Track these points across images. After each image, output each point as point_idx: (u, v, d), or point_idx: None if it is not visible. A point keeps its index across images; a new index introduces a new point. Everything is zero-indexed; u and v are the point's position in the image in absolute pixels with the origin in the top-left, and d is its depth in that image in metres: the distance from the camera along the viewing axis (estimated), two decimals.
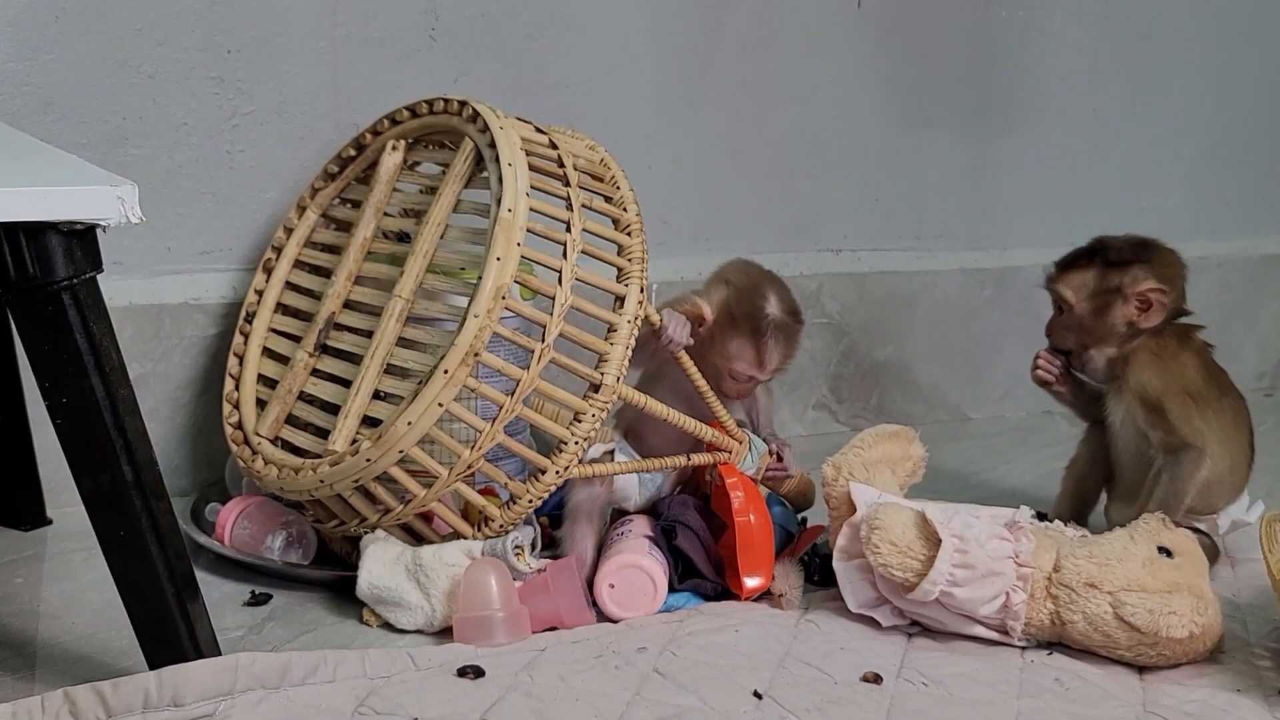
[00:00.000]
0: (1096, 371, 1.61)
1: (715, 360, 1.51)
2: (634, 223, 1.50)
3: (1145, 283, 1.56)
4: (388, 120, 1.59)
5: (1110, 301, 1.57)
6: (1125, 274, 1.57)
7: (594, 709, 1.19)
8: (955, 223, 2.26)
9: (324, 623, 1.39)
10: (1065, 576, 1.32)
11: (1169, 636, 1.28)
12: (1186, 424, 1.54)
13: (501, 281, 1.36)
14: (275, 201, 1.74)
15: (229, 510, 1.53)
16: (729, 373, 1.51)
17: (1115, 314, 1.57)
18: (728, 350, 1.50)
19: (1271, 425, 2.29)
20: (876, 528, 1.36)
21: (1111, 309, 1.57)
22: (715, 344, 1.50)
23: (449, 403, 1.36)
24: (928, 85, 2.20)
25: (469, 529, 1.43)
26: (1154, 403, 1.55)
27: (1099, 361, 1.60)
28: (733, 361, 1.50)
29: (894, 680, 1.27)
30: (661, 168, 2.00)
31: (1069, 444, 1.72)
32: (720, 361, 1.51)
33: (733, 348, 1.49)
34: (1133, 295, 1.57)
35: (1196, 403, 1.56)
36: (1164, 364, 1.56)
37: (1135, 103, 2.37)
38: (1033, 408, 2.27)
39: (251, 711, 1.17)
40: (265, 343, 1.59)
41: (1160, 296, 1.56)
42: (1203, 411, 1.56)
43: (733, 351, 1.50)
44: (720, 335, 1.50)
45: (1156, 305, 1.56)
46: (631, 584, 1.39)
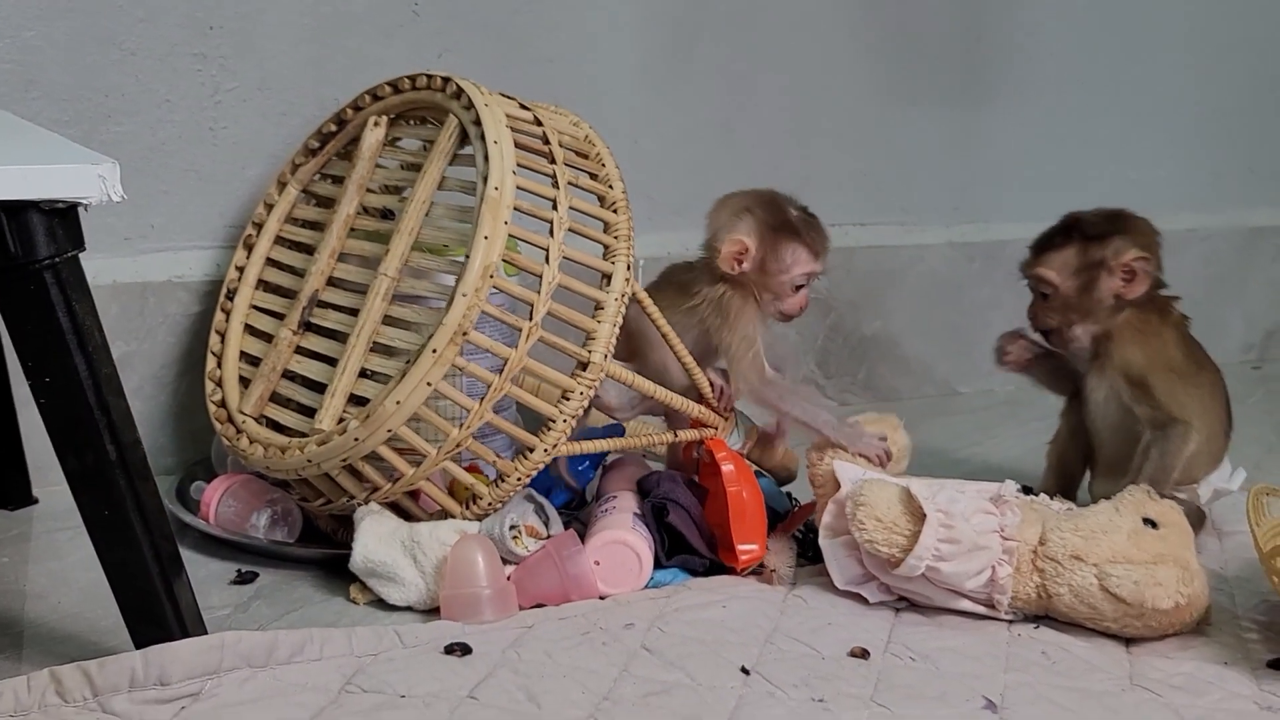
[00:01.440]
0: (1081, 349, 1.60)
1: (773, 282, 1.51)
2: (620, 199, 1.49)
3: (1129, 253, 1.56)
4: (369, 96, 1.58)
5: (1095, 276, 1.57)
6: (1107, 247, 1.57)
7: (581, 685, 1.19)
8: (943, 196, 2.25)
9: (310, 601, 1.39)
10: (1051, 549, 1.32)
11: (1155, 608, 1.28)
12: (1172, 399, 1.54)
13: (489, 260, 1.36)
14: (258, 178, 1.73)
15: (214, 488, 1.53)
16: (791, 286, 1.52)
17: (1102, 288, 1.57)
18: (783, 261, 1.51)
19: (1259, 398, 2.30)
20: (861, 504, 1.36)
21: (1097, 283, 1.57)
22: (766, 267, 1.51)
23: (437, 381, 1.36)
24: (915, 58, 2.19)
25: (457, 507, 1.43)
26: (1139, 379, 1.55)
27: (1084, 339, 1.59)
28: (791, 270, 1.51)
29: (881, 655, 1.27)
30: (647, 143, 1.99)
31: (1056, 418, 1.73)
32: (780, 278, 1.51)
33: (787, 256, 1.51)
34: (1118, 267, 1.56)
35: (1180, 377, 1.56)
36: (1147, 340, 1.56)
37: (1122, 75, 2.36)
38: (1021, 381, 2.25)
39: (238, 690, 1.17)
40: (248, 320, 1.58)
41: (1145, 265, 1.56)
42: (1185, 385, 1.56)
43: (789, 260, 1.51)
44: (769, 255, 1.51)
45: (1141, 274, 1.56)
46: (617, 560, 1.39)
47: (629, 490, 1.50)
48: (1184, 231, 2.43)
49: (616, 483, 1.53)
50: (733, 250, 1.50)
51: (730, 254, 1.50)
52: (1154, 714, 1.17)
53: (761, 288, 1.52)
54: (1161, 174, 2.42)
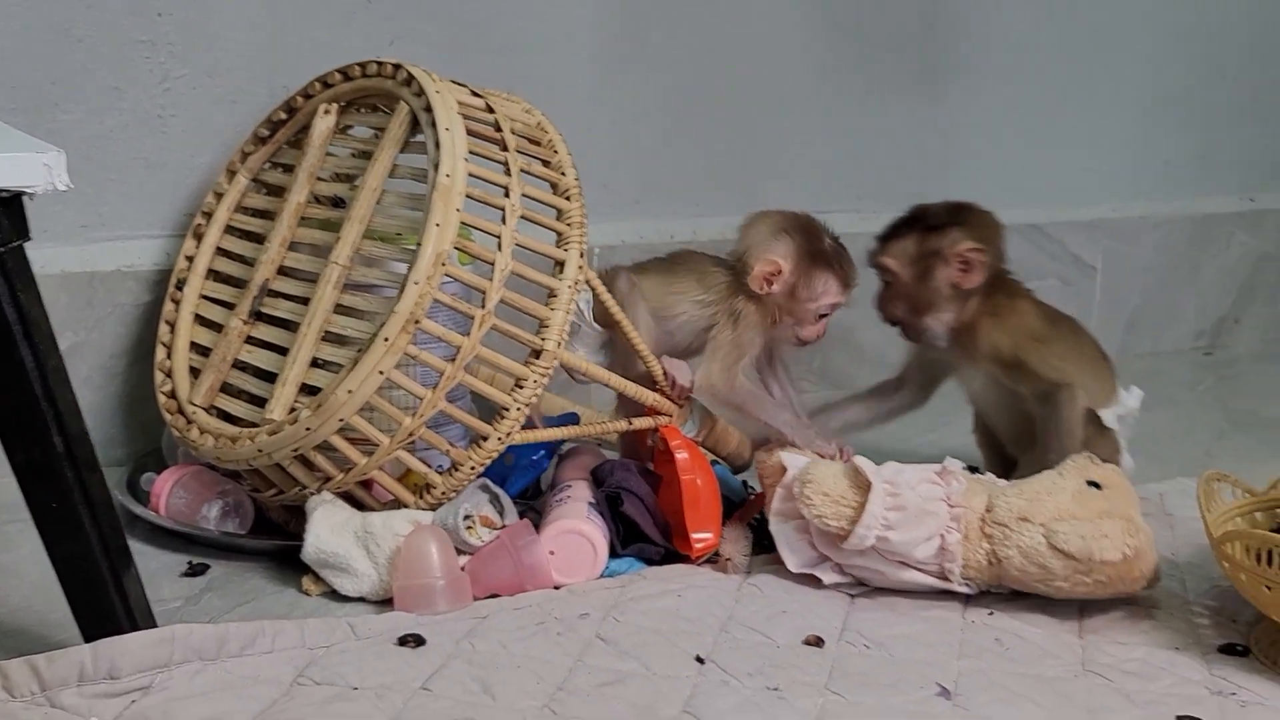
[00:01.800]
0: (938, 338, 1.64)
1: (799, 307, 1.52)
2: (573, 187, 1.49)
3: (964, 244, 1.60)
4: (319, 83, 1.57)
5: (932, 265, 1.61)
6: (944, 237, 1.61)
7: (536, 675, 1.19)
8: (898, 184, 2.25)
9: (262, 592, 1.38)
10: (998, 515, 1.34)
11: (1102, 560, 1.29)
12: (1047, 366, 1.58)
13: (441, 248, 1.35)
14: (208, 166, 1.71)
15: (164, 480, 1.51)
16: (814, 315, 1.53)
17: (938, 277, 1.60)
18: (814, 290, 1.51)
19: (1210, 384, 2.32)
20: (809, 481, 1.36)
21: (934, 273, 1.60)
22: (796, 292, 1.51)
23: (390, 370, 1.35)
24: (871, 46, 2.19)
25: (410, 496, 1.42)
26: (1011, 360, 1.59)
27: (938, 329, 1.63)
28: (819, 299, 1.52)
29: (836, 643, 1.27)
30: (602, 130, 1.98)
31: None
32: (807, 305, 1.52)
33: (819, 285, 1.52)
34: (952, 257, 1.60)
35: (1046, 343, 1.60)
36: (1005, 320, 1.60)
37: (1076, 65, 2.37)
38: None
39: (188, 683, 1.15)
40: (198, 310, 1.57)
41: (979, 256, 1.60)
42: (1053, 348, 1.60)
43: (820, 289, 1.52)
44: (801, 281, 1.51)
45: (976, 265, 1.60)
46: (572, 550, 1.39)
47: (584, 479, 1.50)
48: (1137, 219, 2.44)
49: (571, 472, 1.52)
50: (766, 270, 1.50)
51: (762, 274, 1.50)
52: (1106, 699, 1.18)
53: (784, 310, 1.52)
54: (1114, 162, 2.43)
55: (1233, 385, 2.31)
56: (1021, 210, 2.33)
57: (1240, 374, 2.39)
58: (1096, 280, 2.41)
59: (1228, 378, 2.36)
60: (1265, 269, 2.59)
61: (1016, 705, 1.16)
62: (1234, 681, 1.21)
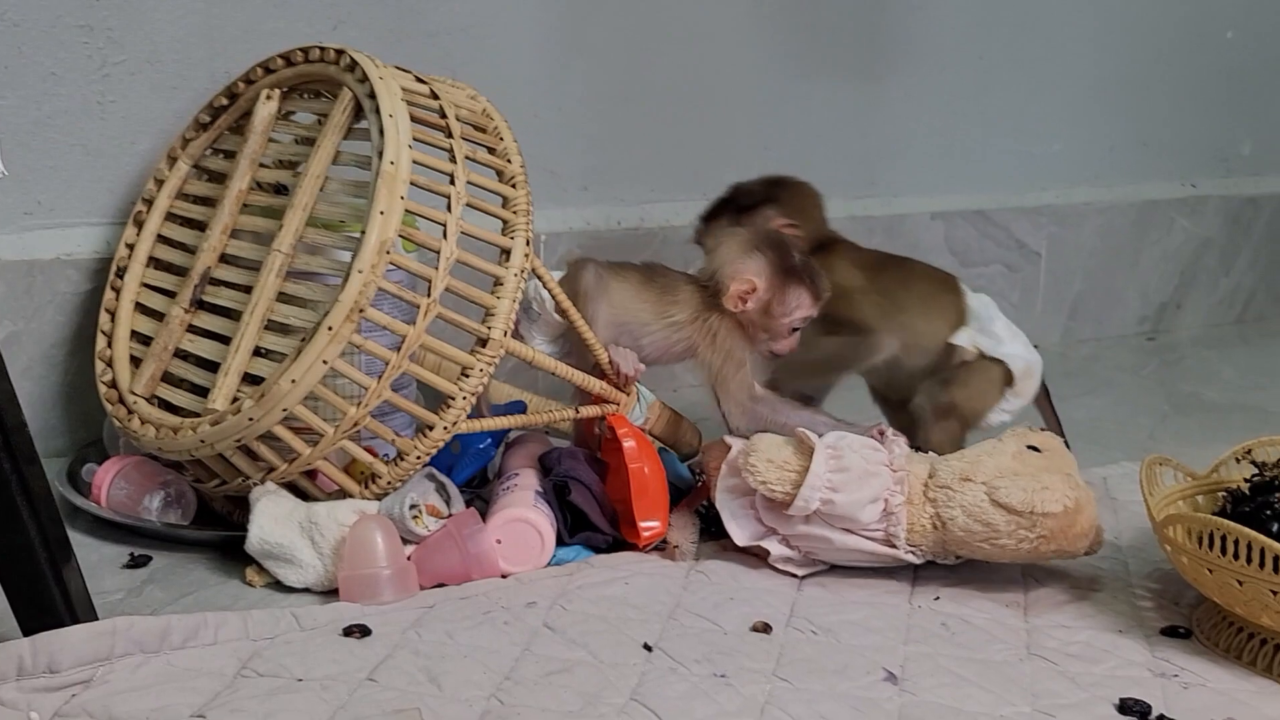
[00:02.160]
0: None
1: (773, 323, 1.52)
2: (518, 174, 1.48)
3: (776, 220, 1.64)
4: (261, 69, 1.55)
5: None
6: (758, 215, 1.65)
7: (482, 665, 1.18)
8: (844, 170, 2.26)
9: (206, 584, 1.37)
10: (940, 478, 1.36)
11: (1044, 511, 1.31)
12: (856, 314, 1.62)
13: (385, 236, 1.34)
14: (148, 153, 1.69)
15: (105, 470, 1.49)
16: (788, 329, 1.52)
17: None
18: (787, 305, 1.51)
19: (1154, 368, 2.34)
20: (753, 450, 1.38)
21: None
22: (769, 308, 1.51)
23: (334, 359, 1.33)
24: (815, 32, 2.19)
25: (355, 486, 1.41)
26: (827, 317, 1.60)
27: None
28: (793, 314, 1.52)
29: (783, 629, 1.28)
30: (548, 116, 1.98)
31: None
32: (781, 320, 1.52)
33: (791, 300, 1.51)
34: None
35: (859, 295, 1.64)
36: None
37: (1020, 50, 2.38)
38: None
39: (130, 677, 1.14)
40: (138, 298, 1.55)
41: (793, 230, 1.64)
42: (869, 299, 1.64)
43: (793, 304, 1.52)
44: (775, 296, 1.51)
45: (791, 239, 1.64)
46: (518, 538, 1.38)
47: (531, 468, 1.49)
48: (1080, 205, 2.46)
49: (518, 460, 1.52)
50: (741, 289, 1.50)
51: (738, 292, 1.50)
52: (1050, 682, 1.18)
53: (758, 326, 1.52)
54: (1057, 148, 2.45)
55: (1175, 370, 2.33)
56: (967, 196, 2.36)
57: (1182, 358, 2.41)
58: (1041, 266, 2.43)
59: (1170, 362, 2.39)
60: (1206, 254, 2.61)
61: (962, 689, 1.17)
62: (1176, 663, 1.22)
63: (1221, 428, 1.89)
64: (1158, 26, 2.52)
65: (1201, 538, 1.22)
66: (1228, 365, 2.36)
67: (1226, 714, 1.14)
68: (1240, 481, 1.34)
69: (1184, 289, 2.61)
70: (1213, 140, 2.63)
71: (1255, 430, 1.47)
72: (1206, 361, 2.39)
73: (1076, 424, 1.98)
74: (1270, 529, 1.21)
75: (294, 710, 1.10)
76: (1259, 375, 2.28)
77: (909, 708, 1.13)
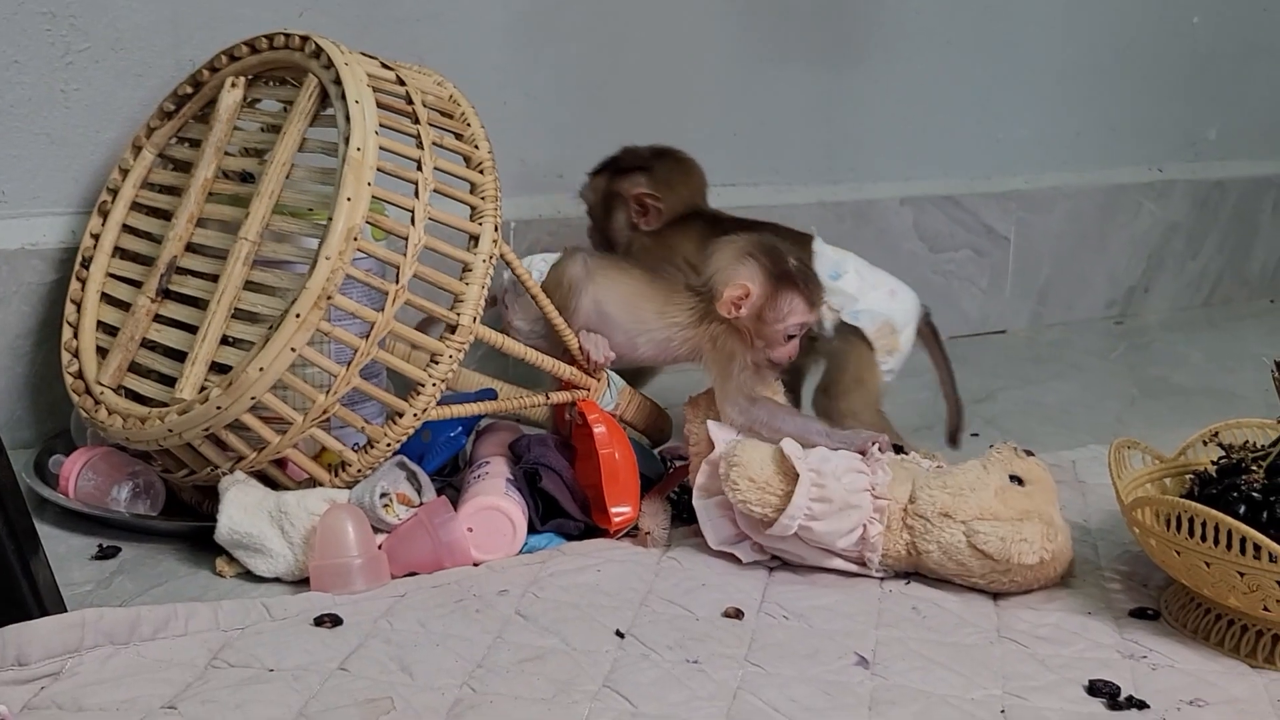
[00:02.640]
0: None
1: (767, 329, 1.50)
2: (486, 160, 1.47)
3: (638, 188, 1.73)
4: (226, 56, 1.54)
5: (614, 204, 1.76)
6: (625, 180, 1.75)
7: (455, 654, 1.18)
8: (813, 156, 2.27)
9: (175, 575, 1.36)
10: (920, 507, 1.34)
11: (1020, 563, 1.30)
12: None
13: (353, 223, 1.33)
14: (113, 142, 1.68)
15: (73, 461, 1.48)
16: (784, 335, 1.51)
17: (619, 216, 1.76)
18: (780, 312, 1.49)
19: (1122, 352, 2.35)
20: (735, 464, 1.36)
21: (616, 211, 1.75)
22: (763, 314, 1.50)
23: (302, 347, 1.33)
24: (784, 18, 2.19)
25: (325, 475, 1.41)
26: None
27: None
28: (786, 319, 1.50)
29: (755, 615, 1.28)
30: (517, 103, 1.97)
31: (927, 374, 1.75)
32: (775, 326, 1.50)
33: (784, 305, 1.49)
34: (630, 199, 1.74)
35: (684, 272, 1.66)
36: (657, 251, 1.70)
37: (988, 35, 2.39)
38: None
39: (100, 668, 1.14)
40: (104, 288, 1.54)
41: (654, 201, 1.73)
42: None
43: (786, 310, 1.49)
44: (768, 303, 1.49)
45: (652, 209, 1.73)
46: (490, 526, 1.38)
47: (502, 455, 1.49)
48: (1048, 190, 2.47)
49: (489, 448, 1.51)
50: (734, 295, 1.49)
51: (731, 298, 1.49)
52: (1020, 665, 1.19)
53: (754, 333, 1.51)
54: (1025, 133, 2.46)
55: (1143, 353, 2.35)
56: (935, 182, 2.36)
57: (1150, 342, 2.43)
58: (1009, 251, 2.44)
59: (1138, 346, 2.40)
60: (1173, 238, 2.63)
61: (933, 673, 1.17)
62: (1145, 645, 1.23)
63: (1189, 411, 1.90)
64: (1124, 12, 2.52)
65: (1169, 520, 1.23)
66: (1195, 349, 2.37)
67: (1194, 694, 1.14)
68: (1207, 464, 1.35)
69: (1151, 273, 2.62)
70: (1179, 125, 2.65)
71: (1222, 413, 1.48)
72: (1174, 345, 2.40)
73: (1045, 408, 2.00)
74: (1237, 511, 1.22)
75: (265, 700, 1.09)
76: (1226, 358, 2.29)
77: (880, 691, 1.14)
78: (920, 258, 2.34)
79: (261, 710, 1.08)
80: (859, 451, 1.41)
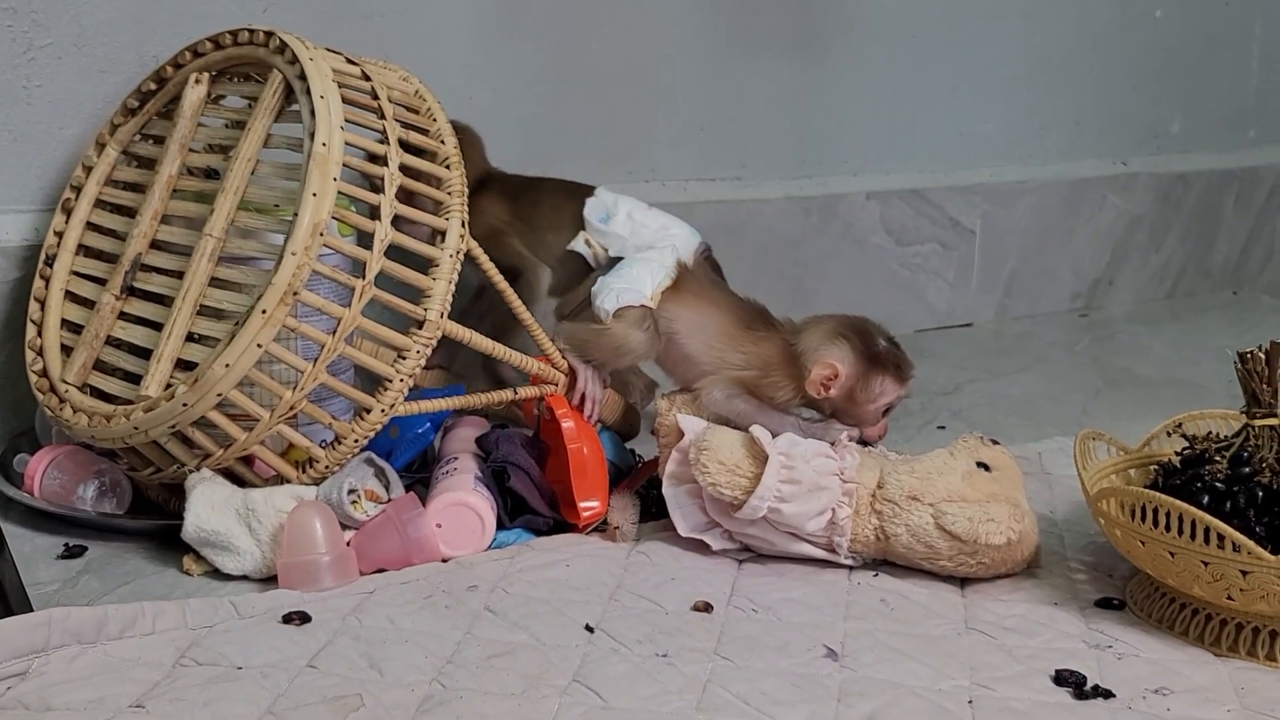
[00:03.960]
0: None
1: (860, 409, 1.52)
2: (452, 155, 1.47)
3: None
4: (190, 52, 1.53)
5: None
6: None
7: (424, 650, 1.18)
8: (779, 151, 2.27)
9: (142, 573, 1.35)
10: (888, 492, 1.35)
11: (988, 543, 1.31)
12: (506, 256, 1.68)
13: (319, 218, 1.33)
14: (77, 138, 1.67)
15: (38, 460, 1.47)
16: (876, 415, 1.52)
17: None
18: (873, 393, 1.51)
19: (1086, 345, 2.36)
20: (705, 448, 1.37)
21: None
22: (856, 394, 1.51)
23: (268, 343, 1.32)
24: (751, 12, 2.19)
25: (292, 471, 1.40)
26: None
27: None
28: (879, 399, 1.52)
29: (724, 608, 1.28)
30: (483, 98, 1.96)
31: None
32: (867, 407, 1.51)
33: (877, 387, 1.51)
34: None
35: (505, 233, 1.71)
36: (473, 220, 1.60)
37: (953, 29, 2.39)
38: None
39: (67, 668, 1.13)
40: (68, 286, 1.53)
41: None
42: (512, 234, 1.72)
43: (878, 391, 1.51)
44: (860, 383, 1.51)
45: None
46: (459, 522, 1.38)
47: (470, 452, 1.49)
48: (1013, 183, 2.48)
49: (457, 444, 1.51)
50: (824, 374, 1.50)
51: (820, 378, 1.50)
52: (988, 656, 1.20)
53: (844, 413, 1.52)
54: (991, 127, 2.47)
55: (1107, 345, 2.36)
56: (902, 176, 2.37)
57: (1114, 334, 2.44)
58: (975, 244, 2.45)
59: (1102, 338, 2.41)
60: (1137, 231, 2.64)
61: (902, 664, 1.18)
62: (1110, 634, 1.24)
63: (1153, 402, 1.91)
64: (1089, 6, 2.54)
65: (1134, 511, 1.23)
66: (1159, 341, 2.39)
67: (1159, 683, 1.15)
68: (1171, 455, 1.36)
69: (1116, 265, 2.64)
70: (1143, 118, 2.66)
71: (1186, 404, 1.49)
72: (1138, 337, 2.42)
73: (1011, 400, 2.01)
74: (1201, 501, 1.23)
75: (234, 699, 1.09)
76: (1189, 350, 2.31)
77: (849, 683, 1.14)
78: (887, 251, 2.34)
79: (230, 708, 1.08)
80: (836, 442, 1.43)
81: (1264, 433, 1.28)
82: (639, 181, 2.13)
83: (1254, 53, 2.76)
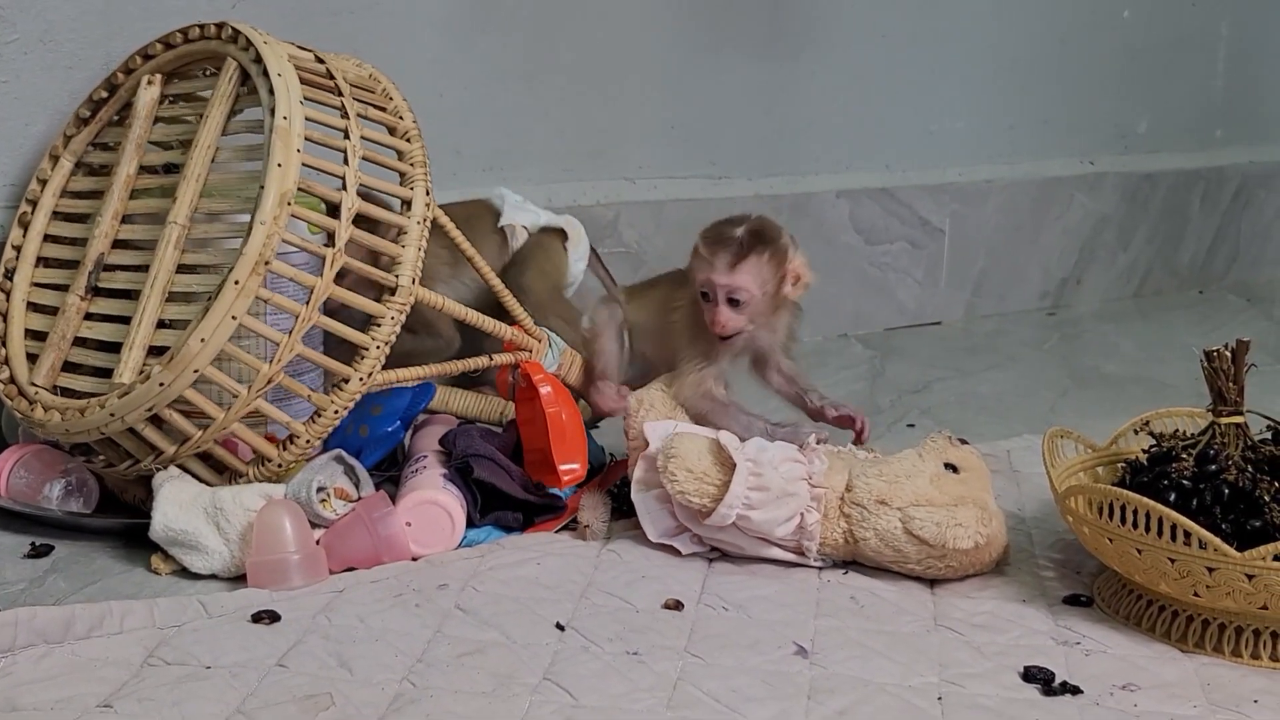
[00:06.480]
0: None
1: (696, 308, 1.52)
2: (412, 129, 1.51)
3: None
4: (140, 56, 1.53)
5: None
6: None
7: (394, 648, 1.18)
8: (750, 149, 2.27)
9: (110, 572, 1.34)
10: (857, 495, 1.35)
11: (956, 548, 1.32)
12: None
13: (285, 188, 1.34)
14: (43, 134, 1.65)
15: (5, 459, 1.47)
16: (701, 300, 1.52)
17: None
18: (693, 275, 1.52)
19: (1054, 343, 2.38)
20: (673, 456, 1.36)
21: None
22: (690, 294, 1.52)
23: (242, 315, 1.32)
24: (722, 10, 2.19)
25: (273, 450, 1.39)
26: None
27: None
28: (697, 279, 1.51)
29: (695, 606, 1.28)
30: (453, 95, 1.96)
31: (863, 366, 1.76)
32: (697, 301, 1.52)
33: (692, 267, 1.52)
34: None
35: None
36: None
37: (923, 28, 2.40)
38: (829, 331, 2.31)
39: (34, 668, 1.12)
40: (30, 297, 1.51)
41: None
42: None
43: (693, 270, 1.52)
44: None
45: None
46: (429, 520, 1.38)
47: (439, 450, 1.48)
48: (982, 182, 2.49)
49: (426, 443, 1.51)
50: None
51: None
52: (957, 653, 1.20)
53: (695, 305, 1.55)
54: (960, 126, 2.47)
55: (1075, 344, 2.37)
56: (871, 175, 2.37)
57: (1082, 333, 2.45)
58: (944, 243, 2.46)
59: (1070, 336, 2.42)
60: (1104, 231, 2.66)
61: (872, 661, 1.18)
62: (1078, 631, 1.25)
63: (1120, 400, 1.92)
64: (1057, 6, 2.55)
65: (1102, 508, 1.24)
66: (1126, 339, 2.40)
67: (1127, 679, 1.16)
68: (1139, 453, 1.37)
69: (1083, 265, 2.65)
70: (1110, 118, 2.67)
71: (1153, 403, 1.50)
72: (1105, 336, 2.43)
73: (980, 398, 2.02)
74: (1168, 499, 1.24)
75: (203, 698, 1.09)
76: (1156, 348, 2.32)
77: (820, 680, 1.15)
78: (857, 250, 2.35)
79: (199, 708, 1.07)
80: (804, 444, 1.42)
81: (1230, 430, 1.29)
82: (610, 179, 2.13)
83: (1220, 54, 2.78)
